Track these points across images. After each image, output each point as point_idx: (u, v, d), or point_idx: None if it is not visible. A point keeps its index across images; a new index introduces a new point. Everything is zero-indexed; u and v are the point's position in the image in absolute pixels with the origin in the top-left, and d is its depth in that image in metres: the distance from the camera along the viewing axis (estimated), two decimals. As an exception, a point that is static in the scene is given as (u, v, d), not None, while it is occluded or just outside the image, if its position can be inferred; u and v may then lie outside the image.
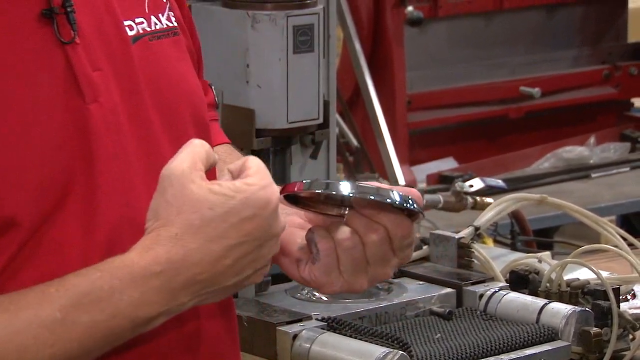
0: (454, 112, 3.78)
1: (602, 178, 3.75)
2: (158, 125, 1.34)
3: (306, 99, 2.32)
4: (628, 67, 4.04)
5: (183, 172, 1.21)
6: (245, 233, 1.21)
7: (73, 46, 1.28)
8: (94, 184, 1.27)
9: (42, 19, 1.27)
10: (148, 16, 1.37)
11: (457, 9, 3.78)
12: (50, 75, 1.26)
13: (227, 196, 1.21)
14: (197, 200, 1.20)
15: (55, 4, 1.27)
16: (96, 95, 1.28)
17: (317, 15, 2.31)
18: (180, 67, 1.40)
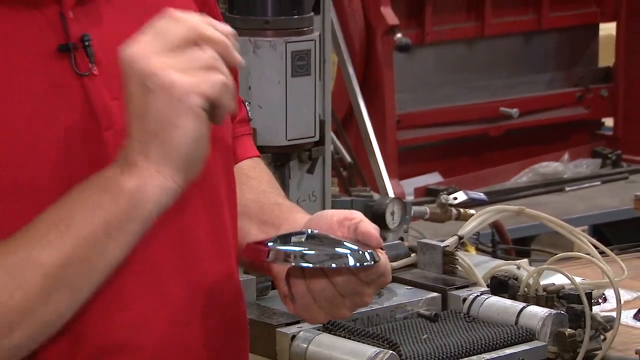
0: (440, 130, 3.78)
1: (575, 191, 3.75)
2: None
3: (303, 118, 2.32)
4: (599, 90, 4.04)
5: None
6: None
7: (91, 77, 1.27)
8: None
9: (60, 53, 1.25)
10: None
11: (442, 36, 3.79)
12: (68, 105, 1.25)
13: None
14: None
15: (73, 39, 1.25)
16: (112, 122, 1.26)
17: (313, 41, 2.31)
18: None
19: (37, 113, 1.23)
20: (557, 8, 3.97)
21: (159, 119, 1.16)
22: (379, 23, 3.49)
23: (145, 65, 1.16)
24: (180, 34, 1.16)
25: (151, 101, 1.16)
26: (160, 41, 1.17)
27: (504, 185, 3.76)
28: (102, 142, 1.25)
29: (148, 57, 1.16)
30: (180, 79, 1.15)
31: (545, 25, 3.96)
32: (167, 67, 1.15)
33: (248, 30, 2.28)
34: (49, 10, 1.25)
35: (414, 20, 3.74)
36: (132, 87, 1.16)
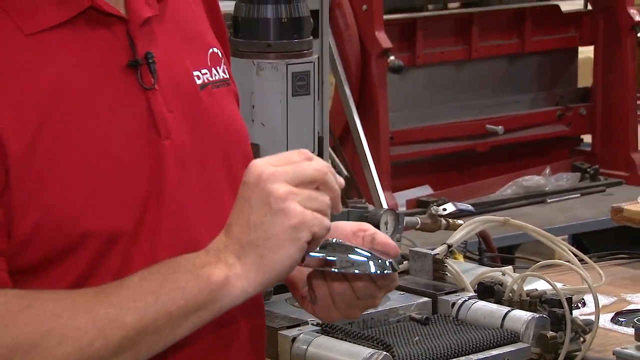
0: (430, 146, 3.78)
1: (556, 203, 3.75)
2: (217, 160, 1.37)
3: (303, 135, 2.31)
4: (578, 109, 4.05)
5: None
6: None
7: (153, 92, 1.30)
8: (161, 207, 1.28)
9: (128, 68, 1.28)
10: (210, 68, 1.41)
11: (432, 59, 3.79)
12: (134, 115, 1.29)
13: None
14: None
15: (139, 56, 1.29)
16: (169, 133, 1.30)
17: (312, 63, 2.30)
18: (233, 112, 1.44)
19: (110, 119, 1.27)
20: (539, 32, 3.98)
21: (267, 236, 1.21)
22: (374, 47, 3.49)
23: (276, 187, 1.21)
24: (311, 174, 1.24)
25: (268, 219, 1.21)
26: (293, 173, 1.22)
27: (490, 197, 3.76)
28: (162, 150, 1.29)
29: (280, 182, 1.21)
30: (302, 212, 1.21)
31: (528, 48, 3.96)
32: (293, 198, 1.21)
33: (251, 52, 2.27)
34: (118, 30, 1.29)
35: (405, 44, 3.74)
36: (254, 198, 1.22)
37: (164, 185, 1.28)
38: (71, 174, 1.23)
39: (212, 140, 1.35)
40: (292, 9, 2.26)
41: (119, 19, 1.30)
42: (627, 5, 3.92)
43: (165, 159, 1.28)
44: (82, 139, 1.24)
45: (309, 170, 1.23)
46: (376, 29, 3.50)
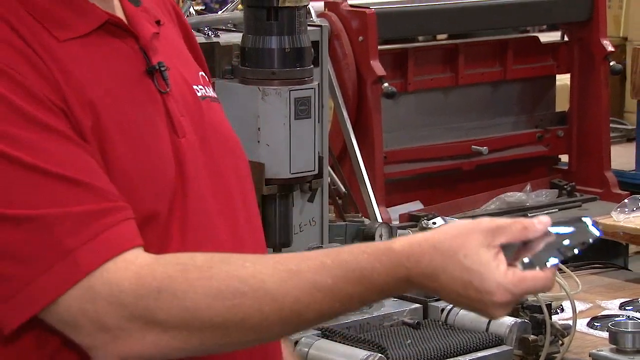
0: (421, 165, 3.78)
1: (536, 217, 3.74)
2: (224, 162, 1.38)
3: (305, 155, 2.31)
4: (556, 131, 4.04)
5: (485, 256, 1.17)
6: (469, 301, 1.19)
7: (167, 95, 1.32)
8: (186, 197, 1.28)
9: (145, 74, 1.30)
10: (203, 85, 1.42)
11: (423, 85, 3.80)
12: (158, 115, 1.30)
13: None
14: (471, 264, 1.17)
15: (152, 64, 1.32)
16: (184, 133, 1.31)
17: (313, 89, 2.30)
18: (229, 126, 1.44)
19: (139, 117, 1.28)
20: (520, 61, 3.98)
21: (463, 298, 1.16)
22: (369, 74, 3.49)
23: (499, 312, 1.16)
24: (536, 289, 1.18)
25: (474, 306, 1.17)
26: (518, 294, 1.16)
27: (475, 212, 3.75)
28: (180, 148, 1.30)
29: (506, 309, 1.16)
30: (503, 308, 1.16)
31: (509, 76, 3.96)
32: (507, 295, 1.15)
33: (257, 79, 2.28)
34: (130, 42, 1.32)
35: (398, 72, 3.74)
36: (475, 302, 1.17)
37: (186, 179, 1.30)
38: (109, 158, 1.23)
39: (213, 145, 1.37)
40: (294, 40, 2.26)
41: (129, 33, 1.32)
42: (601, 37, 3.92)
43: (185, 154, 1.30)
44: (115, 131, 1.25)
45: (536, 288, 1.17)
46: (371, 58, 3.49)
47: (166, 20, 1.42)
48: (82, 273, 1.16)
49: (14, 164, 1.17)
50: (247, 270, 1.17)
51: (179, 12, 1.49)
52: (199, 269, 1.17)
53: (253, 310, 1.15)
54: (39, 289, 1.15)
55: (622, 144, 4.34)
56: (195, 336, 1.15)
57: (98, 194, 1.19)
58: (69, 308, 1.16)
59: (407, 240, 1.17)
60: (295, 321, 1.17)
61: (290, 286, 1.16)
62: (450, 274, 1.14)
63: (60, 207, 1.17)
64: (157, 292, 1.15)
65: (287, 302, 1.16)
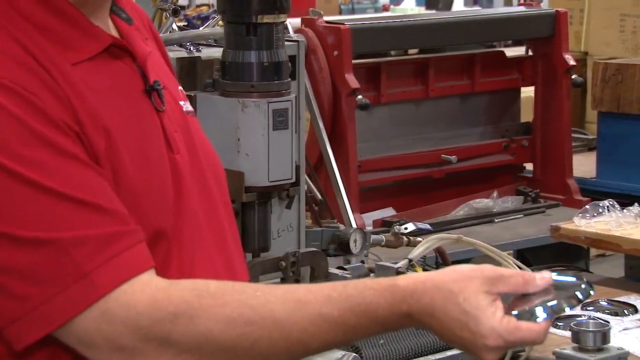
0: (393, 173, 3.78)
1: (502, 222, 3.75)
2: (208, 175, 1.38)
3: (282, 164, 2.30)
4: (521, 141, 4.06)
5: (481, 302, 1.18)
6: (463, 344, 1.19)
7: (163, 113, 1.32)
8: (182, 212, 1.28)
9: (144, 93, 1.30)
10: (184, 100, 1.42)
11: (395, 97, 3.80)
12: (156, 132, 1.30)
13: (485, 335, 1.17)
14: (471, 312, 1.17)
15: (150, 83, 1.32)
16: (178, 149, 1.31)
17: (290, 101, 2.30)
18: (206, 138, 1.44)
19: (142, 135, 1.28)
20: (487, 75, 3.99)
21: (458, 337, 1.17)
22: (344, 87, 3.50)
23: (491, 339, 1.16)
24: (528, 340, 1.18)
25: (468, 337, 1.17)
26: (510, 342, 1.16)
27: (445, 217, 3.76)
28: (175, 163, 1.30)
29: (494, 334, 1.16)
30: (493, 352, 1.17)
31: (477, 88, 3.98)
32: (500, 341, 1.16)
33: (237, 92, 2.27)
34: (128, 62, 1.32)
35: (371, 85, 3.75)
36: (467, 343, 1.17)
37: (181, 194, 1.30)
38: (121, 179, 1.23)
39: (201, 158, 1.37)
40: (272, 55, 2.26)
41: (128, 53, 1.32)
42: (563, 52, 3.94)
43: (181, 171, 1.30)
44: (125, 152, 1.24)
45: (528, 340, 1.18)
46: (346, 71, 3.50)
47: (147, 36, 1.42)
48: (98, 294, 1.16)
49: (32, 187, 1.17)
50: (259, 300, 1.18)
51: (153, 28, 1.48)
52: (213, 295, 1.18)
53: (262, 337, 1.16)
54: (56, 308, 1.15)
55: (584, 153, 4.37)
56: (207, 359, 1.16)
57: (113, 217, 1.19)
58: (85, 328, 1.16)
59: (412, 279, 1.19)
60: (302, 349, 1.18)
61: (298, 316, 1.17)
62: (449, 314, 1.16)
63: (77, 230, 1.17)
64: (173, 316, 1.15)
65: (295, 331, 1.16)
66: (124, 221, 1.19)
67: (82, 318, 1.15)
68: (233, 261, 1.34)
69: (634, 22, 4.45)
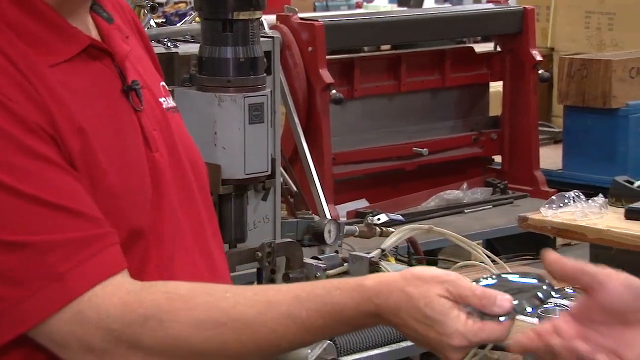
0: (366, 166, 3.78)
1: (472, 213, 3.76)
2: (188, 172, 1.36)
3: (258, 157, 2.30)
4: (490, 134, 4.07)
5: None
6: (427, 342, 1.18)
7: (141, 113, 1.30)
8: (161, 210, 1.27)
9: (122, 93, 1.28)
10: (165, 96, 1.40)
11: (368, 92, 3.80)
12: (133, 131, 1.28)
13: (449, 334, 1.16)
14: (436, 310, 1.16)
15: (128, 83, 1.30)
16: (157, 147, 1.30)
17: (266, 96, 2.30)
18: (188, 134, 1.43)
19: (120, 135, 1.26)
20: (457, 70, 4.00)
21: (425, 338, 1.16)
22: (318, 82, 3.49)
23: (457, 339, 1.16)
24: (491, 340, 1.18)
25: (434, 337, 1.16)
26: (474, 342, 1.16)
27: (416, 208, 3.76)
28: (154, 162, 1.28)
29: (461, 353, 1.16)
30: (459, 352, 1.16)
31: (447, 83, 3.98)
32: (465, 341, 1.16)
33: (214, 87, 2.26)
34: (107, 62, 1.29)
35: (345, 80, 3.74)
36: (432, 342, 1.16)
37: (160, 193, 1.28)
38: (97, 180, 1.22)
39: (181, 155, 1.35)
40: (248, 51, 2.25)
41: (106, 53, 1.30)
42: (530, 47, 3.95)
43: (159, 169, 1.29)
44: (101, 153, 1.23)
45: (492, 338, 1.17)
46: (320, 67, 3.49)
47: (130, 33, 1.40)
48: (71, 296, 1.16)
49: (7, 191, 1.16)
50: (228, 301, 1.17)
51: (137, 21, 1.46)
52: (183, 298, 1.17)
53: (232, 339, 1.16)
54: (30, 308, 1.15)
55: (550, 145, 4.39)
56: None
57: (87, 220, 1.19)
58: (58, 328, 1.16)
59: (378, 279, 1.18)
60: (272, 349, 1.17)
61: (267, 317, 1.16)
62: (414, 317, 1.16)
63: (51, 234, 1.16)
64: (143, 319, 1.15)
65: (264, 332, 1.16)
66: (98, 224, 1.19)
67: (55, 319, 1.16)
68: (213, 256, 1.33)
69: (598, 19, 4.47)
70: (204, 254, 1.31)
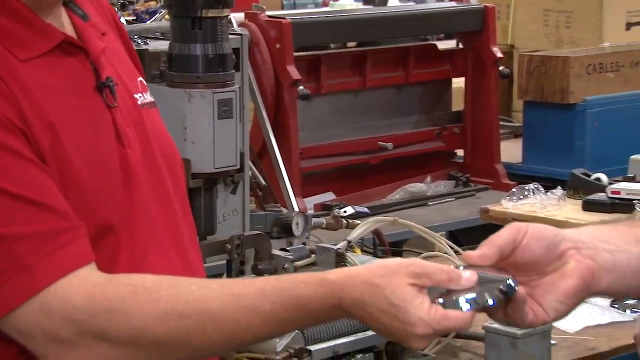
0: (333, 160, 3.79)
1: (435, 205, 3.78)
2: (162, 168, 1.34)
3: (227, 151, 2.29)
4: (452, 128, 4.09)
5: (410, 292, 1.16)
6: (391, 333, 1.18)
7: (115, 109, 1.28)
8: (133, 206, 1.26)
9: (96, 90, 1.27)
10: (141, 92, 1.39)
11: (334, 88, 3.81)
12: (105, 128, 1.26)
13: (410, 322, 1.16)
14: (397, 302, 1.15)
15: (102, 80, 1.28)
16: (130, 143, 1.28)
17: (235, 92, 2.29)
18: (165, 129, 1.42)
19: (91, 131, 1.25)
20: (420, 67, 4.01)
21: (388, 328, 1.16)
22: (285, 78, 3.49)
23: (417, 344, 1.15)
24: (455, 328, 1.16)
25: (398, 326, 1.15)
26: (438, 330, 1.15)
27: (382, 201, 3.77)
28: (126, 158, 1.27)
29: (425, 342, 1.16)
30: (422, 340, 1.15)
31: (411, 79, 3.99)
32: (428, 329, 1.15)
33: (184, 83, 2.25)
34: (82, 58, 1.28)
35: (312, 76, 3.74)
36: (396, 331, 1.15)
37: (132, 188, 1.27)
38: (67, 175, 1.20)
39: (155, 151, 1.34)
40: (217, 48, 2.24)
41: (81, 50, 1.28)
42: (491, 45, 3.97)
43: (131, 164, 1.27)
44: (71, 148, 1.22)
45: (450, 327, 1.17)
46: (287, 63, 3.49)
47: (108, 29, 1.38)
48: (37, 288, 1.15)
49: None
50: (193, 294, 1.16)
51: (116, 18, 1.45)
52: (148, 290, 1.16)
53: (196, 331, 1.15)
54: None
55: (510, 139, 4.41)
56: (142, 353, 1.15)
57: (55, 214, 1.17)
58: (25, 319, 1.15)
59: (342, 273, 1.18)
60: (236, 341, 1.17)
61: (231, 309, 1.15)
62: (378, 307, 1.15)
63: (20, 226, 1.15)
64: (108, 311, 1.14)
65: (228, 324, 1.15)
66: (66, 218, 1.18)
67: (22, 310, 1.15)
68: (188, 253, 1.32)
69: (556, 17, 4.50)
70: (179, 250, 1.30)
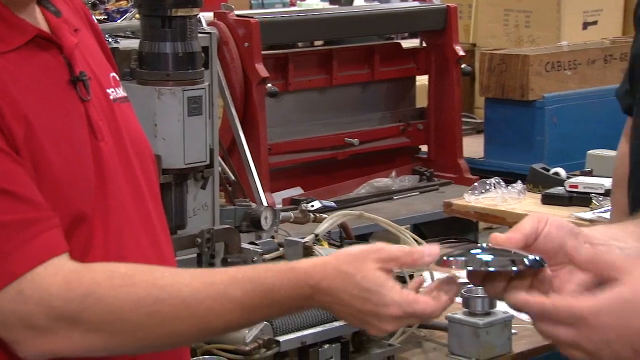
0: (300, 156, 3.78)
1: (400, 199, 3.79)
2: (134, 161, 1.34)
3: (197, 147, 2.28)
4: (416, 125, 4.10)
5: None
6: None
7: (88, 103, 1.27)
8: (106, 197, 1.25)
9: (69, 84, 1.26)
10: (114, 87, 1.38)
11: (301, 85, 3.80)
12: (78, 121, 1.25)
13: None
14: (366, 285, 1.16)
15: (76, 74, 1.27)
16: (102, 136, 1.27)
17: (204, 89, 2.28)
18: (137, 124, 1.41)
19: (64, 124, 1.23)
20: (385, 65, 4.02)
21: (360, 312, 1.15)
22: (254, 75, 3.48)
23: (387, 328, 1.15)
24: (425, 314, 1.16)
25: (370, 309, 1.15)
26: (409, 312, 1.15)
27: (348, 195, 3.78)
28: (99, 150, 1.26)
29: (395, 324, 1.16)
30: (393, 322, 1.15)
31: (377, 77, 4.00)
32: (399, 311, 1.15)
33: (154, 81, 2.24)
34: (55, 53, 1.27)
35: (280, 74, 3.74)
36: (367, 317, 1.15)
37: (105, 180, 1.27)
38: (41, 167, 1.19)
39: (127, 145, 1.34)
40: (186, 46, 2.23)
41: (54, 44, 1.28)
42: (454, 43, 3.99)
43: (104, 157, 1.27)
44: (45, 140, 1.21)
45: (422, 313, 1.17)
46: (256, 61, 3.48)
47: (81, 25, 1.37)
48: (13, 275, 1.14)
49: None
50: (166, 280, 1.16)
51: (88, 14, 1.44)
52: (123, 276, 1.16)
53: (170, 316, 1.15)
54: None
55: (473, 135, 4.43)
56: (117, 337, 1.14)
57: (28, 204, 1.17)
58: (1, 307, 1.14)
59: (311, 262, 1.18)
60: (209, 328, 1.16)
61: (204, 295, 1.15)
62: (350, 293, 1.15)
63: None
64: (83, 296, 1.14)
65: (201, 310, 1.15)
66: (39, 208, 1.17)
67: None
68: (159, 240, 1.32)
69: (516, 17, 4.53)
70: (152, 241, 1.30)
